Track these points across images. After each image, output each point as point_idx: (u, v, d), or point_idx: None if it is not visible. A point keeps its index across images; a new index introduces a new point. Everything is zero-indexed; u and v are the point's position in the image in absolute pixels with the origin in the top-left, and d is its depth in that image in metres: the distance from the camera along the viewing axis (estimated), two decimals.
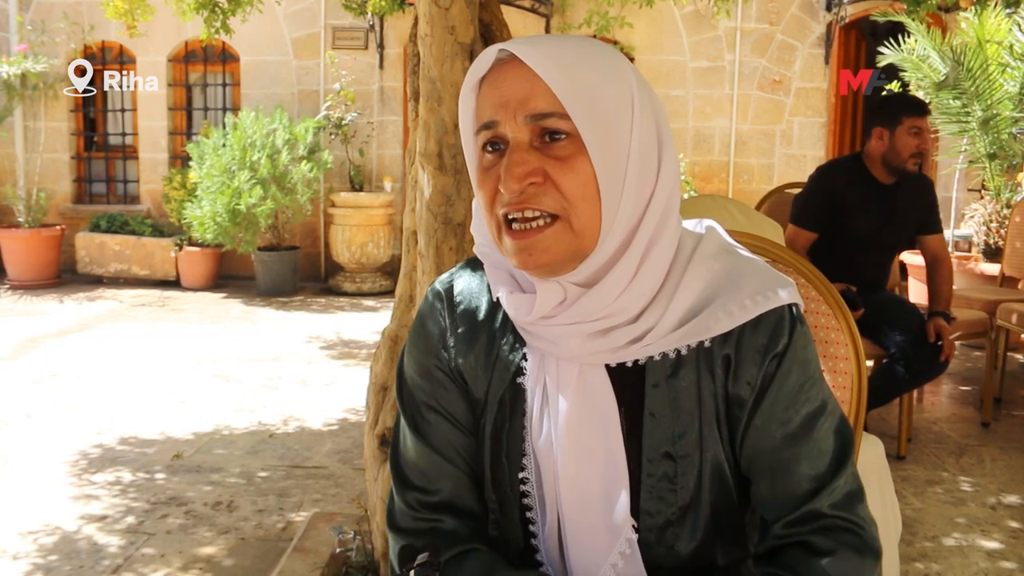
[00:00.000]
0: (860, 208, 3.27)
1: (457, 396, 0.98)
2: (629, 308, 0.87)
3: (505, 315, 0.95)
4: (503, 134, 0.85)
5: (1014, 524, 2.89)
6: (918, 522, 2.87)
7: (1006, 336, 4.19)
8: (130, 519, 2.85)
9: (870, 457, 1.80)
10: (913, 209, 3.34)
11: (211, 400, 4.20)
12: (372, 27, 7.50)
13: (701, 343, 0.89)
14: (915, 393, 3.88)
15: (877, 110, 3.35)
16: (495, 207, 0.86)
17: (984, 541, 2.75)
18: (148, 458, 3.41)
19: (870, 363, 3.37)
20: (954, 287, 5.15)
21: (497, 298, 0.93)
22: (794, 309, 0.91)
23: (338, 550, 2.36)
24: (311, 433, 3.75)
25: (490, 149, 0.87)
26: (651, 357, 0.89)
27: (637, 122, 0.85)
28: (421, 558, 0.83)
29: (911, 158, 3.21)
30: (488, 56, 0.87)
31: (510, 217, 0.85)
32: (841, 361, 1.21)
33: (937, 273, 3.38)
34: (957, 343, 3.50)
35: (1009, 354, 4.68)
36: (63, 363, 4.86)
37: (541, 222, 0.84)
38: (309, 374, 4.70)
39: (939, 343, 3.14)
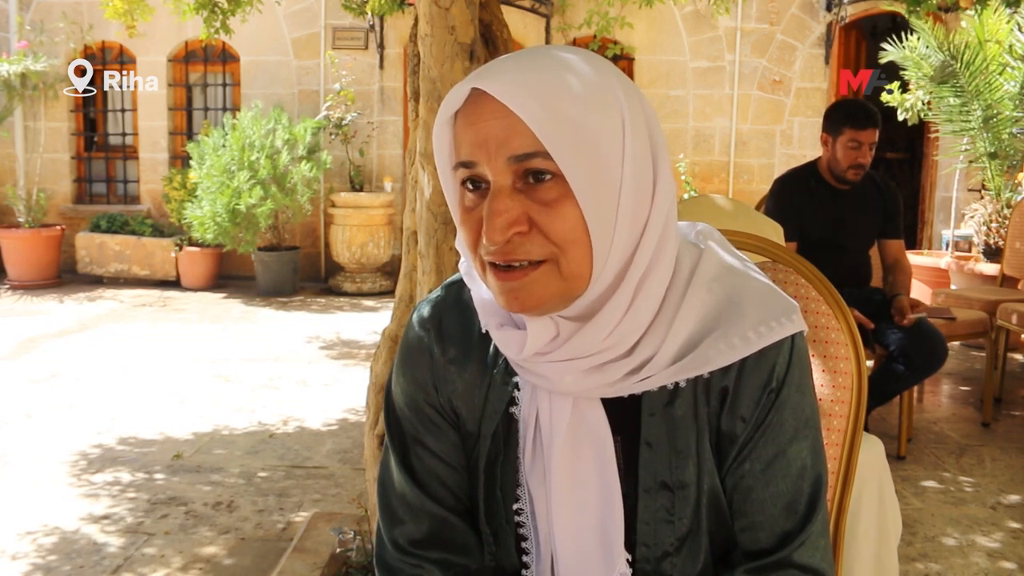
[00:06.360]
0: (814, 213, 3.33)
1: (447, 432, 0.95)
2: (624, 341, 0.82)
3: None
4: (483, 175, 0.78)
5: (1014, 524, 2.89)
6: (918, 522, 2.87)
7: (1006, 336, 4.19)
8: (130, 519, 2.85)
9: (870, 457, 1.80)
10: (867, 215, 3.39)
11: (211, 400, 4.20)
12: (372, 27, 7.50)
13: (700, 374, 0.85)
14: (915, 393, 3.88)
15: (825, 115, 3.38)
16: (479, 249, 0.81)
17: (984, 541, 2.75)
18: (148, 458, 3.41)
19: (870, 363, 3.37)
20: (953, 287, 5.20)
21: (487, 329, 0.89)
22: (796, 339, 0.86)
23: (338, 550, 2.36)
24: (311, 433, 3.75)
25: (471, 187, 0.80)
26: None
27: (629, 148, 0.78)
28: None
29: (850, 169, 3.24)
30: (461, 91, 0.79)
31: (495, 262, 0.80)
32: (841, 361, 1.21)
33: (896, 271, 3.43)
34: (956, 343, 3.52)
35: (1009, 354, 4.68)
36: (63, 363, 4.86)
37: (527, 263, 0.79)
38: (309, 374, 4.70)
39: (935, 345, 3.17)
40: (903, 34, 5.49)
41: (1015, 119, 5.25)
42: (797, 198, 3.35)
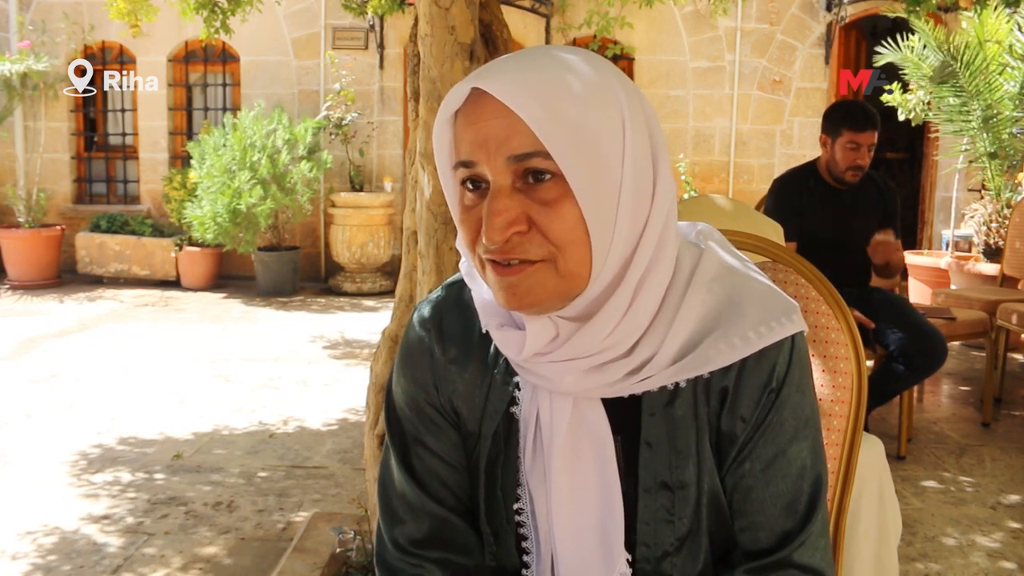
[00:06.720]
0: (814, 213, 3.33)
1: (447, 432, 0.95)
2: (624, 341, 0.82)
3: None
4: (483, 174, 0.78)
5: (1014, 524, 2.89)
6: (918, 522, 2.87)
7: (1006, 336, 4.19)
8: (130, 519, 2.85)
9: (870, 457, 1.80)
10: (867, 214, 3.38)
11: (211, 400, 4.20)
12: (372, 27, 7.50)
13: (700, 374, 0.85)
14: (915, 393, 3.88)
15: (825, 116, 3.37)
16: (477, 247, 0.81)
17: (984, 541, 2.75)
18: (148, 458, 3.41)
19: (870, 363, 3.37)
20: (953, 287, 5.20)
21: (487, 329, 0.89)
22: (796, 339, 0.87)
23: (338, 550, 2.36)
24: (311, 433, 3.75)
25: (471, 187, 0.80)
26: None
27: (629, 147, 0.78)
28: None
29: (848, 170, 3.25)
30: (461, 91, 0.80)
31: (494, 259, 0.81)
32: (841, 361, 1.21)
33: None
34: (956, 343, 3.52)
35: (1009, 354, 4.68)
36: (63, 363, 4.86)
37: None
38: (309, 374, 4.70)
39: (935, 344, 3.17)
40: (903, 34, 5.49)
41: (1015, 119, 5.25)
42: (797, 198, 3.35)
